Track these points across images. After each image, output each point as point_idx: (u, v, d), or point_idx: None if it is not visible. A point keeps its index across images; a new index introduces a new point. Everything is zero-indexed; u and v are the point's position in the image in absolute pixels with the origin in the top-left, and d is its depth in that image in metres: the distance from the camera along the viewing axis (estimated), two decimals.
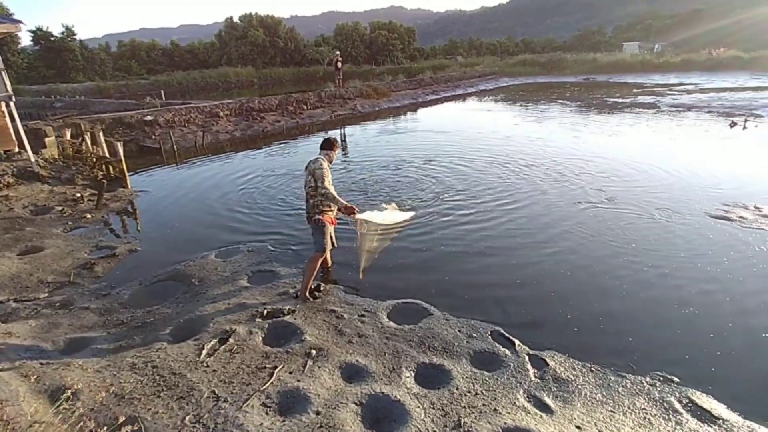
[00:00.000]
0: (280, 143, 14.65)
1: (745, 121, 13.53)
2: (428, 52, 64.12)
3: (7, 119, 9.72)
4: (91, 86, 35.80)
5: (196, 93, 36.31)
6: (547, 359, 3.47)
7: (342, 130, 16.73)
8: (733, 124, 13.35)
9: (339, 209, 4.61)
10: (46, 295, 4.96)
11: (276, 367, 3.32)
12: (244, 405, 2.90)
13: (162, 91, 26.06)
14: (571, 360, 3.48)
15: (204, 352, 3.56)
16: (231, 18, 53.79)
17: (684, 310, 4.13)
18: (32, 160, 9.37)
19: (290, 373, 3.27)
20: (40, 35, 40.69)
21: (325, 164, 4.43)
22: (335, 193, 4.43)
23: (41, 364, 3.53)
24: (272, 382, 3.14)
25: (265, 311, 4.20)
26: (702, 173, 8.54)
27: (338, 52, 26.49)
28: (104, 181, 8.82)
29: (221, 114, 16.88)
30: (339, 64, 23.86)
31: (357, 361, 3.43)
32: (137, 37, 55.74)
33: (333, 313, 4.20)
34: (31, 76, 38.77)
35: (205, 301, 4.55)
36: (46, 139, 10.65)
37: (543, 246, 5.68)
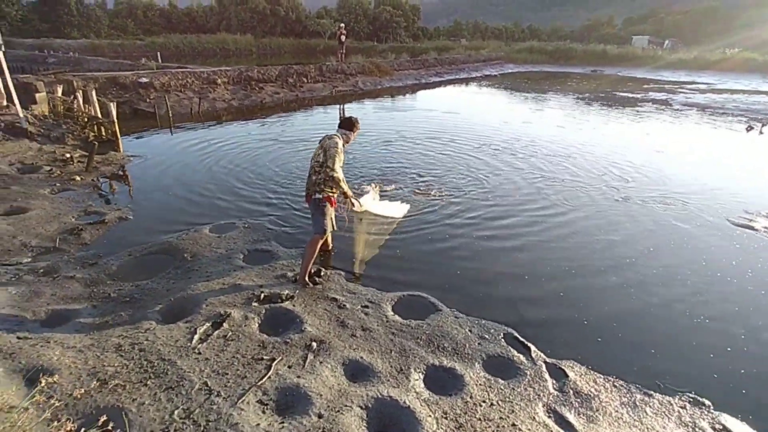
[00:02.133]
0: (279, 116, 14.18)
1: (762, 125, 13.25)
2: (432, 33, 62.80)
3: None
4: (85, 43, 34.65)
5: (192, 58, 35.12)
6: (566, 369, 3.23)
7: (342, 107, 16.33)
8: (749, 128, 13.05)
9: (343, 194, 4.37)
10: (30, 260, 4.65)
11: (274, 360, 3.07)
12: (239, 401, 2.65)
13: (159, 54, 25.17)
14: (593, 372, 3.24)
15: (196, 336, 3.30)
16: None
17: (710, 326, 3.90)
18: (21, 115, 8.89)
19: (289, 367, 3.02)
20: None
21: (341, 143, 4.16)
22: (342, 177, 4.18)
23: (18, 338, 3.26)
24: (270, 377, 2.89)
25: (262, 295, 3.94)
26: (721, 178, 8.26)
27: (342, 25, 25.61)
28: (95, 142, 8.38)
29: (219, 81, 16.26)
30: (342, 38, 23.08)
31: (361, 357, 3.19)
32: None
33: (335, 301, 3.94)
34: (25, 30, 37.25)
35: (197, 278, 4.28)
36: (37, 95, 10.18)
37: (560, 245, 5.38)
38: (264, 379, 2.87)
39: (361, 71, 22.44)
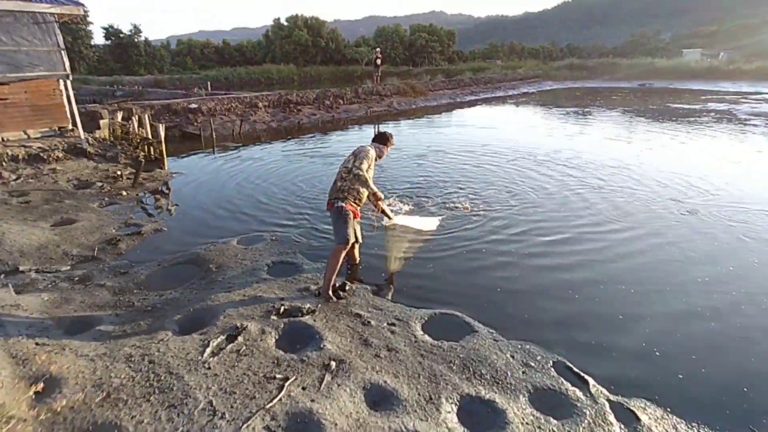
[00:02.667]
0: (314, 136, 14.34)
1: None
2: (467, 56, 62.62)
3: (64, 98, 9.97)
4: (149, 79, 37.61)
5: (240, 87, 37.10)
6: (636, 411, 2.65)
7: (376, 126, 16.38)
8: None
9: (369, 198, 4.18)
10: (68, 268, 4.75)
11: (287, 379, 2.77)
12: (244, 425, 2.35)
13: (209, 83, 26.65)
14: (671, 416, 2.64)
15: (208, 350, 3.07)
16: (279, 19, 55.51)
17: None
18: (82, 137, 9.63)
19: (303, 388, 2.69)
20: (110, 32, 43.89)
21: (373, 153, 4.08)
22: (369, 179, 3.97)
23: (36, 344, 3.17)
24: (281, 399, 2.58)
25: (282, 308, 3.68)
26: None
27: (378, 49, 26.24)
28: (142, 160, 8.82)
29: (260, 105, 16.89)
30: (378, 61, 23.61)
31: (385, 381, 2.81)
32: (195, 38, 58.23)
33: (358, 318, 3.61)
34: (100, 69, 41.70)
35: (219, 289, 4.11)
36: (101, 121, 11.14)
37: (622, 265, 4.73)
38: (274, 402, 2.56)
39: (396, 92, 22.62)
